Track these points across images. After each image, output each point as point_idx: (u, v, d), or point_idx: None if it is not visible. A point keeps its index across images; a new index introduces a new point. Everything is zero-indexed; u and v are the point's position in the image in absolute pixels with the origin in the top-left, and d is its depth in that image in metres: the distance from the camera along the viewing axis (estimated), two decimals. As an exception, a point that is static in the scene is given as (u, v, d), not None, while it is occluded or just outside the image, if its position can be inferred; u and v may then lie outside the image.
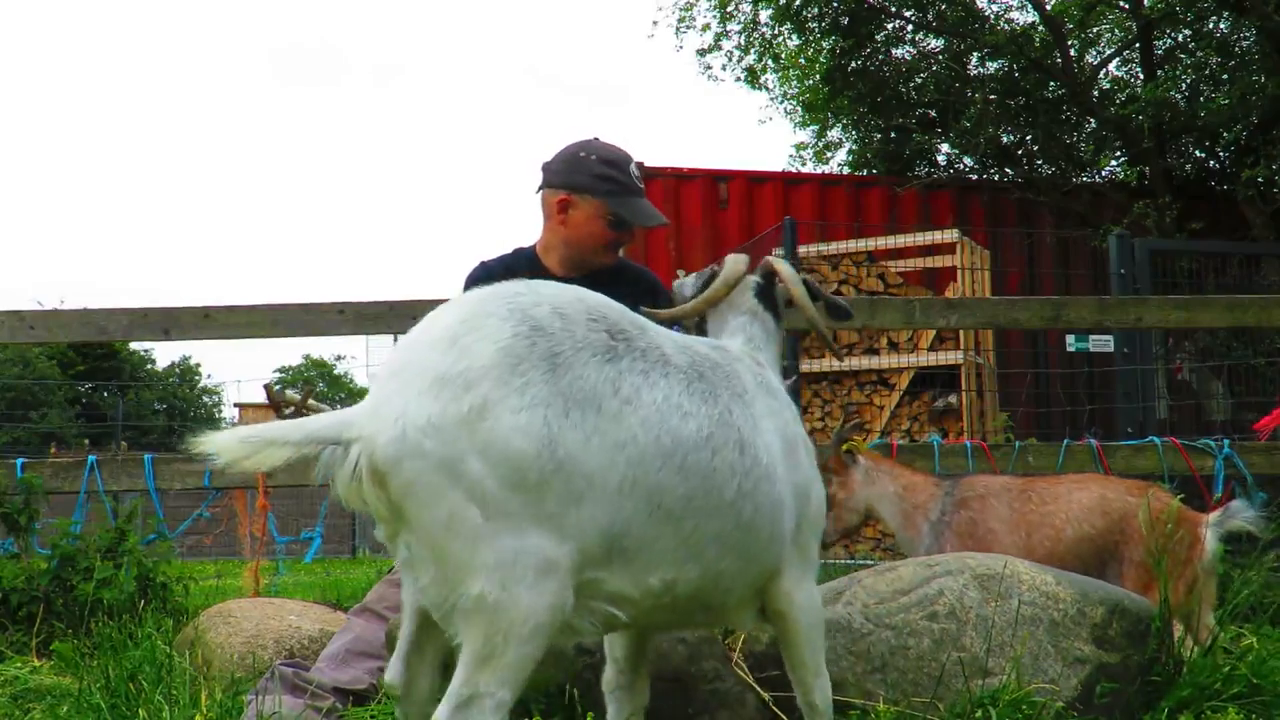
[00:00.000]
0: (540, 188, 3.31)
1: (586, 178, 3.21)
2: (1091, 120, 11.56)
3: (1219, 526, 3.29)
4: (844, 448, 3.66)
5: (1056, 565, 2.91)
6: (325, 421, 1.77)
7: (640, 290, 3.39)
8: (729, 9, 12.70)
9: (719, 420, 2.02)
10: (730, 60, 13.37)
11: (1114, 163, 11.99)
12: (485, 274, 3.36)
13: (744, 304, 2.49)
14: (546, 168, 3.30)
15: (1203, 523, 3.33)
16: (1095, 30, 12.65)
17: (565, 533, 1.77)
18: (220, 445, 1.74)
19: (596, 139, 3.30)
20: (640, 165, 3.34)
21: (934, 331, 8.00)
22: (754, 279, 2.53)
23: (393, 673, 1.99)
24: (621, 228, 3.22)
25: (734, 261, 2.50)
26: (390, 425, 1.72)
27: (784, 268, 2.53)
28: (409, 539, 1.77)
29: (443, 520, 1.72)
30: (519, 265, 3.34)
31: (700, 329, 2.53)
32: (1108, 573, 3.30)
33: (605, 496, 1.82)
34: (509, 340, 1.80)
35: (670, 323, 2.37)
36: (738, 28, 12.90)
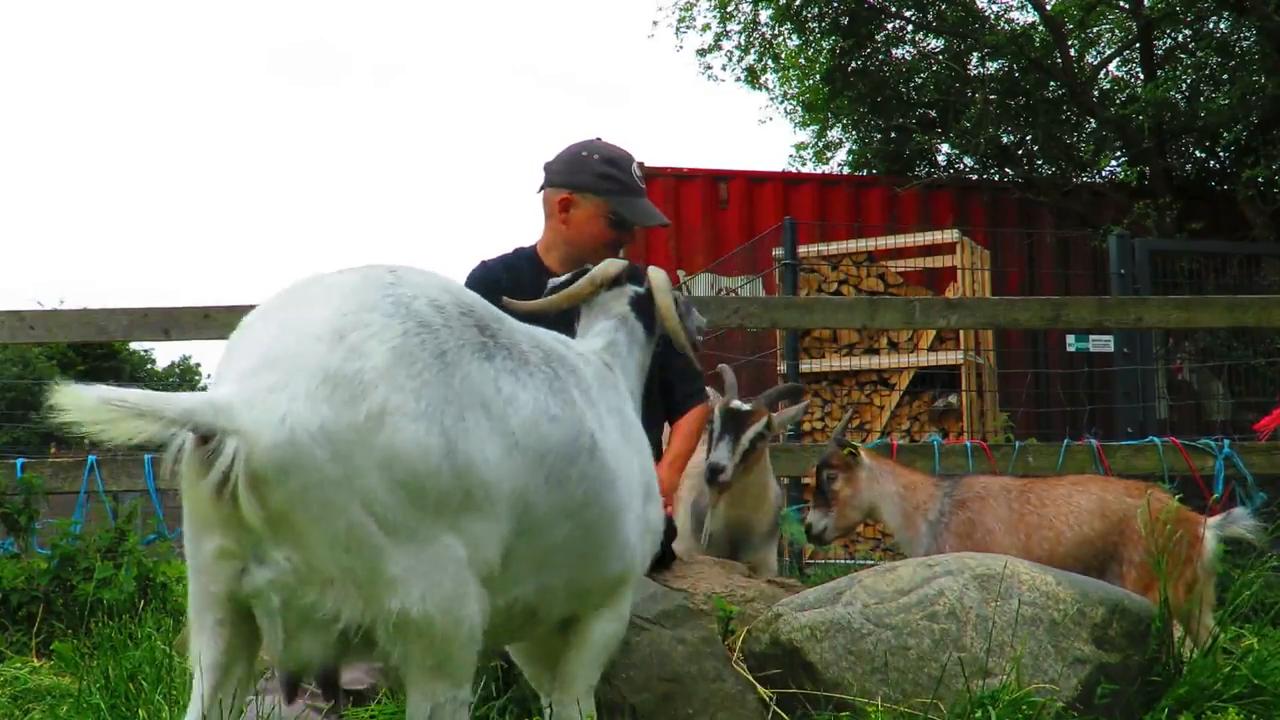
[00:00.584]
0: (542, 187, 3.31)
1: (588, 177, 3.21)
2: (1091, 120, 11.56)
3: (1219, 529, 3.30)
4: (844, 451, 3.66)
5: (1056, 566, 2.91)
6: (197, 402, 1.51)
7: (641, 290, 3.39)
8: (729, 9, 12.69)
9: (577, 423, 1.92)
10: (730, 60, 13.37)
11: (1114, 163, 11.98)
12: (485, 273, 3.36)
13: (615, 309, 2.45)
14: (548, 167, 3.30)
15: (1202, 524, 3.34)
16: (1095, 30, 12.65)
17: (465, 539, 1.66)
18: (73, 402, 1.46)
19: (599, 139, 3.30)
20: (641, 165, 3.35)
21: (934, 331, 8.00)
22: (634, 288, 2.50)
23: None
24: (623, 227, 3.22)
25: (607, 264, 2.47)
26: (275, 425, 1.52)
27: (656, 278, 2.52)
28: (291, 553, 1.57)
29: (340, 535, 1.56)
30: (520, 265, 3.34)
31: (570, 329, 2.46)
32: (1107, 574, 3.30)
33: (497, 505, 1.71)
34: (400, 340, 1.65)
35: (529, 317, 2.24)
36: (738, 28, 12.90)
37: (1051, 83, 11.54)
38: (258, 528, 1.55)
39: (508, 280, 3.31)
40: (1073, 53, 11.82)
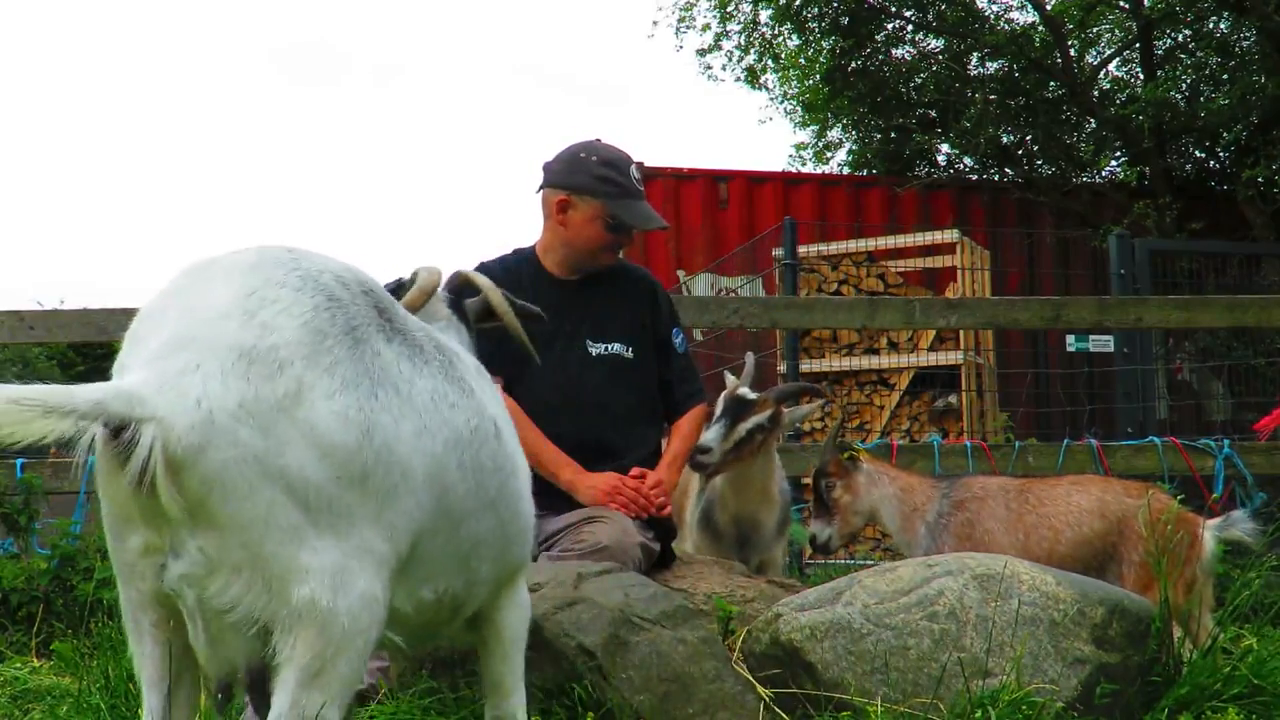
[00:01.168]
0: (540, 187, 3.31)
1: (586, 178, 3.20)
2: (1091, 120, 11.56)
3: (1218, 531, 3.29)
4: (844, 455, 3.64)
5: (1054, 566, 2.91)
6: (106, 392, 1.45)
7: (640, 291, 3.39)
8: (729, 9, 12.69)
9: (478, 410, 1.85)
10: (730, 60, 13.36)
11: (1114, 163, 11.98)
12: (486, 273, 3.35)
13: (440, 314, 2.41)
14: (547, 168, 3.29)
15: (1200, 524, 3.33)
16: (1095, 30, 12.65)
17: (384, 532, 1.59)
18: None
19: (598, 140, 3.29)
20: (640, 166, 3.34)
21: (934, 331, 8.00)
22: (445, 293, 2.48)
23: None
24: (620, 230, 3.21)
25: (429, 271, 2.44)
26: (191, 407, 1.46)
27: (480, 278, 2.54)
28: (205, 542, 1.51)
29: (259, 518, 1.50)
30: (519, 266, 3.34)
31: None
32: (1106, 574, 3.29)
33: (414, 491, 1.64)
34: (311, 314, 1.59)
35: None
36: (738, 28, 12.89)
37: (1051, 83, 11.54)
38: (176, 517, 1.49)
39: (506, 282, 3.31)
40: (1073, 53, 11.82)
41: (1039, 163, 11.70)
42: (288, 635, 1.53)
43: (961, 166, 12.16)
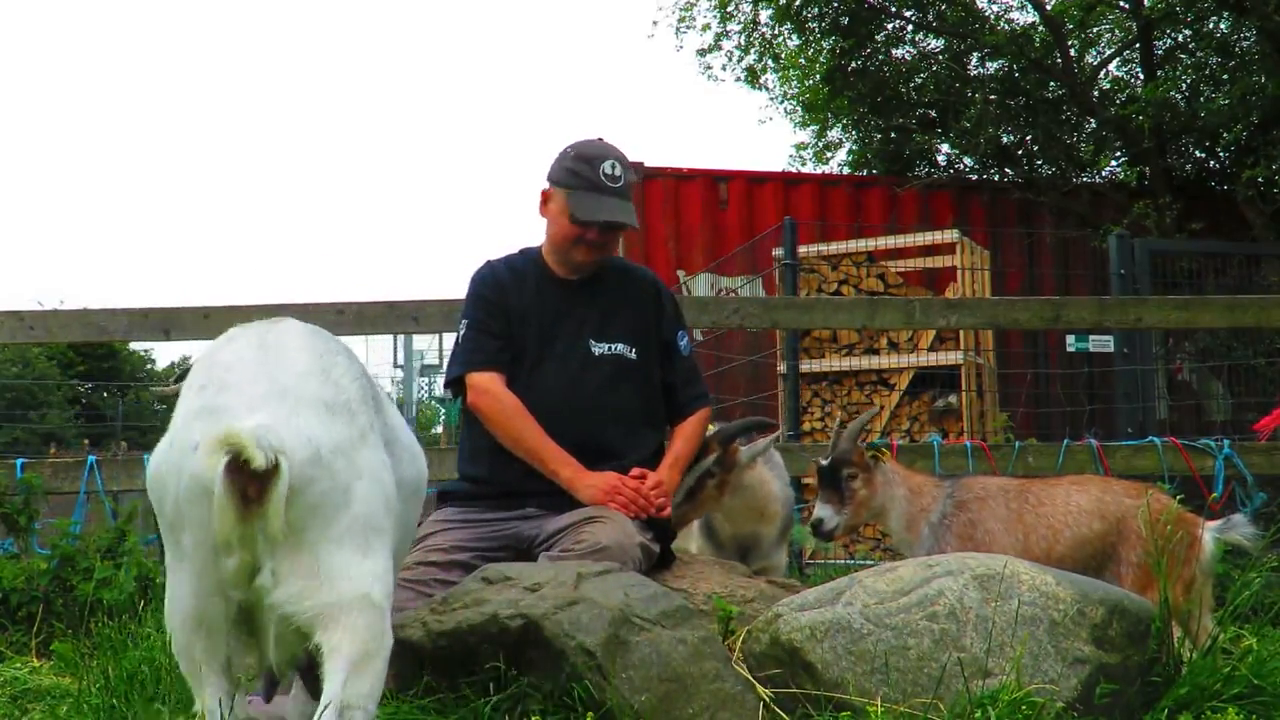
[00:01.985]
0: None
1: (559, 170, 3.24)
2: (1091, 120, 11.55)
3: (1218, 533, 3.29)
4: (869, 453, 3.60)
5: (1054, 566, 2.91)
6: (255, 428, 1.73)
7: (644, 292, 3.39)
8: (729, 9, 12.69)
9: (423, 464, 2.39)
10: (730, 60, 13.36)
11: (1114, 163, 11.98)
12: (491, 272, 3.36)
13: None
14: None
15: (1200, 525, 3.33)
16: (1095, 30, 12.65)
17: (393, 548, 2.00)
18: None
19: (598, 139, 3.30)
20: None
21: (934, 331, 8.00)
22: None
23: None
24: (580, 224, 3.19)
25: None
26: (305, 444, 1.80)
27: None
28: (291, 555, 1.81)
29: (337, 535, 1.83)
30: (524, 266, 3.35)
31: None
32: (1105, 574, 3.29)
33: (395, 525, 2.06)
34: (360, 378, 2.03)
35: None
36: (738, 28, 12.89)
37: (1051, 83, 11.53)
38: (278, 537, 1.76)
39: (511, 280, 3.32)
40: (1073, 53, 11.82)
41: (1039, 163, 11.69)
42: (339, 626, 1.81)
43: (961, 166, 12.15)
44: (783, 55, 13.35)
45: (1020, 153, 11.75)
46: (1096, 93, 11.83)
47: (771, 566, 3.67)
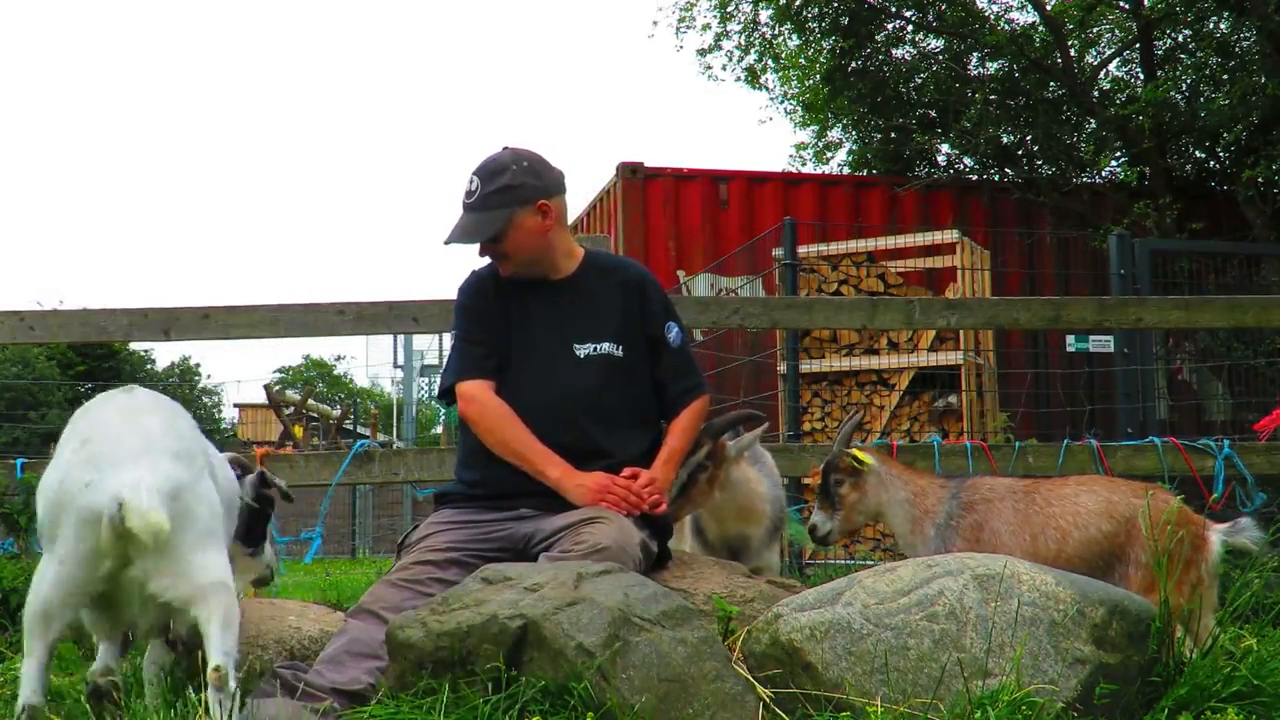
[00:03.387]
0: None
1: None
2: (1091, 120, 11.56)
3: (1226, 535, 3.28)
4: (849, 461, 3.61)
5: (1063, 568, 2.90)
6: (122, 486, 2.44)
7: (628, 288, 3.37)
8: (729, 9, 12.70)
9: (235, 487, 3.15)
10: (730, 60, 13.38)
11: (1114, 163, 11.98)
12: (476, 281, 3.40)
13: None
14: None
15: (1206, 526, 3.32)
16: (1095, 30, 12.66)
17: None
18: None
19: (502, 148, 3.33)
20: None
21: (934, 332, 8.00)
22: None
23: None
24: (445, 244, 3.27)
25: None
26: (166, 482, 2.52)
27: None
28: (158, 557, 2.51)
29: (192, 541, 2.58)
30: None
31: None
32: (1113, 574, 3.27)
33: (224, 529, 2.86)
34: (194, 431, 2.83)
35: None
36: (738, 28, 12.91)
37: (1051, 83, 11.54)
38: (149, 548, 2.47)
39: (495, 286, 3.35)
40: (1073, 53, 11.82)
41: (1039, 163, 11.70)
42: (206, 603, 2.57)
43: (961, 166, 12.16)
44: (783, 55, 13.37)
45: (1020, 153, 11.75)
46: (1096, 93, 11.83)
47: (764, 567, 3.66)
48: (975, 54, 12.05)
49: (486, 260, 3.38)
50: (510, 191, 3.20)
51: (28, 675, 2.56)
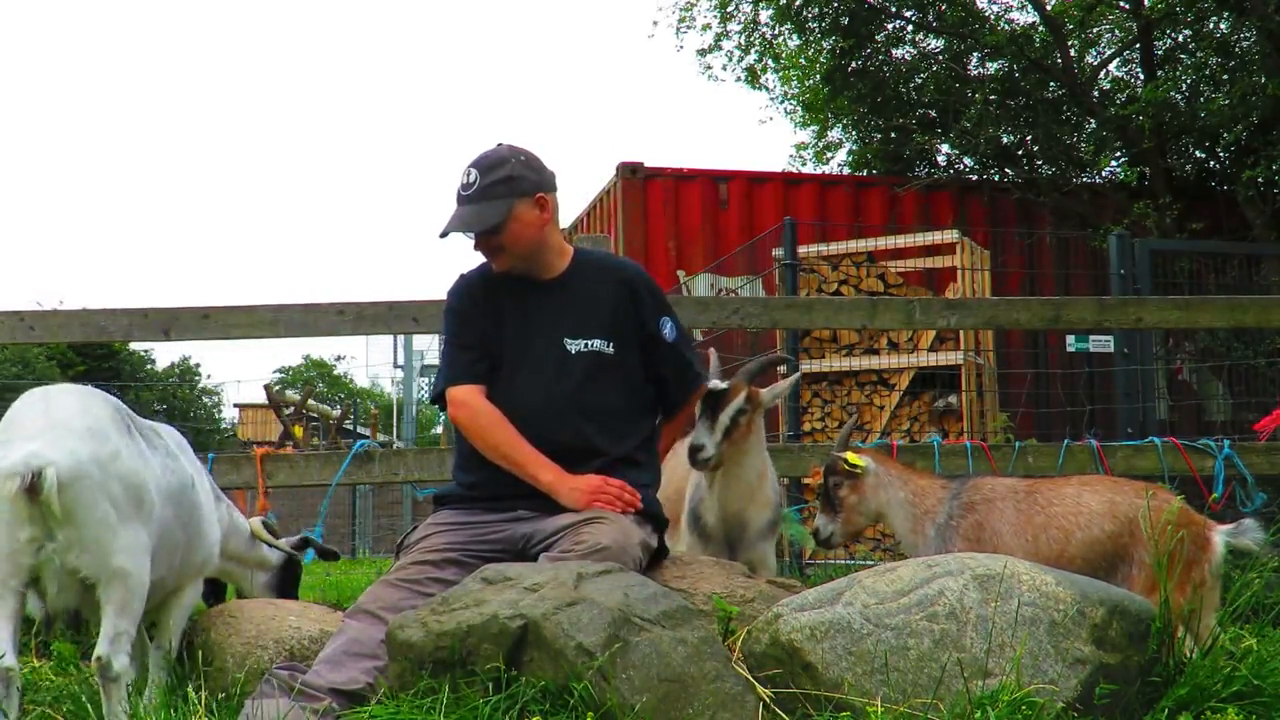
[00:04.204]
0: None
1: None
2: (1091, 120, 11.55)
3: (1229, 536, 3.27)
4: (844, 464, 3.62)
5: (1065, 568, 2.90)
6: (27, 453, 2.63)
7: (619, 285, 3.36)
8: (729, 9, 12.70)
9: (182, 474, 3.18)
10: (730, 60, 13.38)
11: (1114, 163, 11.97)
12: (464, 285, 3.40)
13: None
14: None
15: (1211, 526, 3.31)
16: (1095, 30, 12.64)
17: (149, 534, 2.86)
18: None
19: (497, 144, 3.33)
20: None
21: (934, 332, 8.00)
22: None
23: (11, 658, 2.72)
24: (441, 236, 3.27)
25: None
26: (68, 456, 2.66)
27: None
28: (68, 533, 2.67)
29: (99, 519, 2.70)
30: (496, 273, 3.36)
31: None
32: (1117, 575, 3.27)
33: (154, 518, 2.90)
34: (114, 414, 2.91)
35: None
36: (738, 28, 12.91)
37: (1051, 83, 11.53)
38: (57, 518, 2.64)
39: (484, 288, 3.35)
40: (1073, 53, 11.82)
41: (1039, 163, 11.69)
42: (108, 587, 2.73)
43: (961, 167, 12.15)
44: (783, 55, 13.36)
45: (1020, 153, 11.75)
46: (1096, 93, 11.83)
47: (758, 561, 3.65)
48: (975, 54, 12.05)
49: (476, 263, 3.40)
50: (510, 183, 3.20)
51: None
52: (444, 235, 3.23)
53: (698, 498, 3.71)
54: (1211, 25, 11.31)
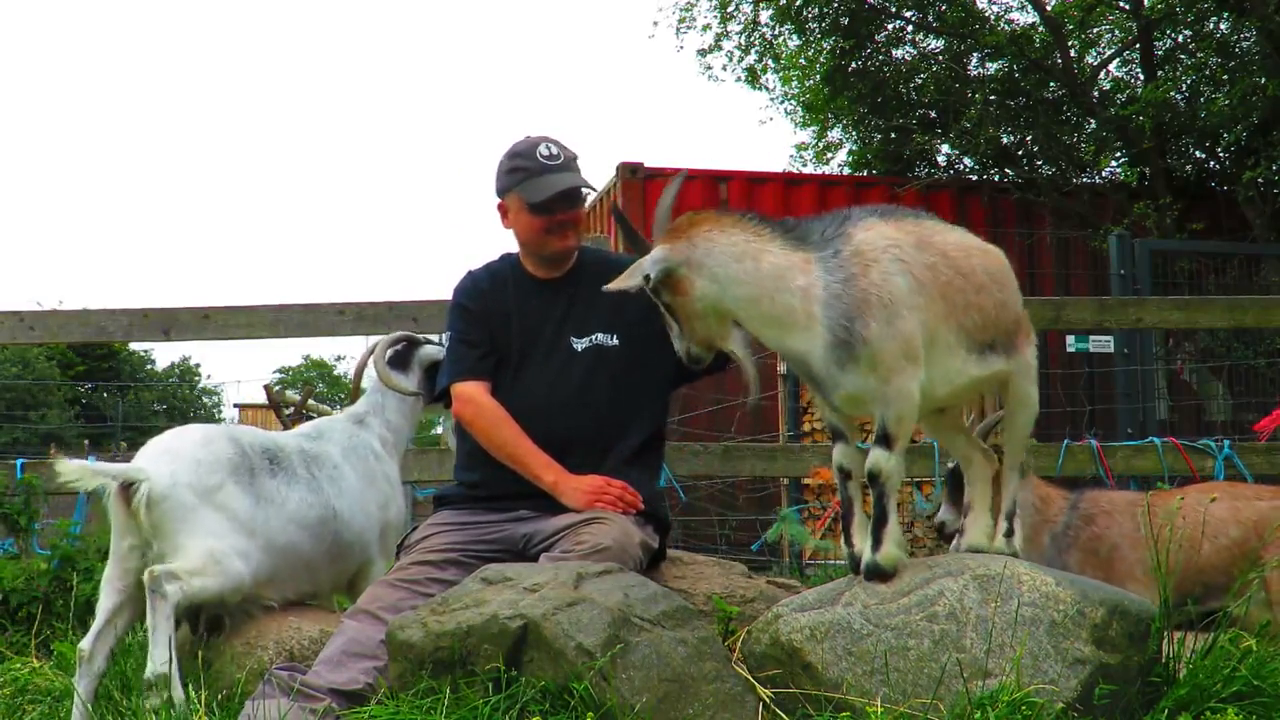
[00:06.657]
0: None
1: (502, 178, 3.29)
2: (1091, 121, 11.55)
3: None
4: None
5: (1196, 579, 2.87)
6: (127, 468, 3.02)
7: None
8: (729, 9, 12.70)
9: (325, 503, 3.41)
10: (730, 60, 13.37)
11: (1114, 163, 11.97)
12: (471, 282, 3.40)
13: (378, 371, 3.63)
14: None
15: None
16: (1095, 31, 12.64)
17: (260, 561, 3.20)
18: (70, 471, 3.04)
19: (526, 137, 3.33)
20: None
21: (934, 332, 7.97)
22: (390, 349, 3.67)
23: (86, 641, 3.01)
24: (540, 211, 3.22)
25: (379, 340, 3.68)
26: (165, 476, 3.01)
27: (375, 341, 3.69)
28: (160, 545, 3.01)
29: (183, 540, 3.01)
30: (504, 271, 3.37)
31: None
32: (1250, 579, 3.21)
33: (255, 539, 3.20)
34: (232, 456, 3.19)
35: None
36: (738, 28, 12.90)
37: (1051, 83, 11.53)
38: (145, 529, 3.00)
39: (490, 286, 3.34)
40: (1073, 53, 11.81)
41: (1039, 163, 11.69)
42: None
43: (961, 167, 12.15)
44: (783, 55, 13.35)
45: (1020, 153, 11.74)
46: (1096, 93, 11.82)
47: None
48: (975, 54, 12.04)
49: (480, 264, 3.41)
50: (576, 161, 3.30)
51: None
52: (569, 197, 3.22)
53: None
54: (1211, 25, 11.31)
